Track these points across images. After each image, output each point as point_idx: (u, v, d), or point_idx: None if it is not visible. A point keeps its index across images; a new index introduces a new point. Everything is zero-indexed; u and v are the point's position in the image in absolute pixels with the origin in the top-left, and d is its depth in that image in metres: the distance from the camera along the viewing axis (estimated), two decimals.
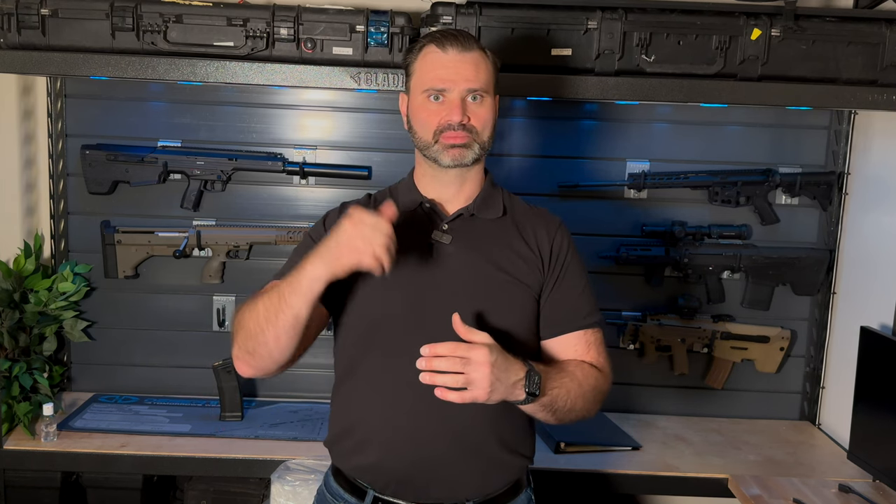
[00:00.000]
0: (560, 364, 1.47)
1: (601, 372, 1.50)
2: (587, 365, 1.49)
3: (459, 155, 1.45)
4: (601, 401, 1.49)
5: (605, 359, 1.53)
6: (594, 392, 1.46)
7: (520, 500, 1.55)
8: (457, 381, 1.27)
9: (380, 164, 2.51)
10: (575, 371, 1.45)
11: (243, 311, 1.41)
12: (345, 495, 1.52)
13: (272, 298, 1.34)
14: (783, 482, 2.10)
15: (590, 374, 1.47)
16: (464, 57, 1.45)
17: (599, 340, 1.53)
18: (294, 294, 1.31)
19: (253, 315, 1.37)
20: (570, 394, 1.41)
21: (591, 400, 1.46)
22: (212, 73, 2.05)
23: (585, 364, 1.49)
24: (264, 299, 1.36)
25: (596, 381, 1.47)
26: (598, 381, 1.48)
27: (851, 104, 2.11)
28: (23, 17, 2.02)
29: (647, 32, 2.05)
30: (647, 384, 2.62)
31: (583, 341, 1.51)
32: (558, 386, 1.39)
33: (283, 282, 1.34)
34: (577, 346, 1.50)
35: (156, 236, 2.48)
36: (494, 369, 1.28)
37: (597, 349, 1.52)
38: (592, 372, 1.48)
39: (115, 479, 2.34)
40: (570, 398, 1.41)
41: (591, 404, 1.47)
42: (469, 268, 1.47)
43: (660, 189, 2.52)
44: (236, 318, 1.43)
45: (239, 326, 1.41)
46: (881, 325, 2.24)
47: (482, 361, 1.27)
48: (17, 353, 2.35)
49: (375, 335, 1.48)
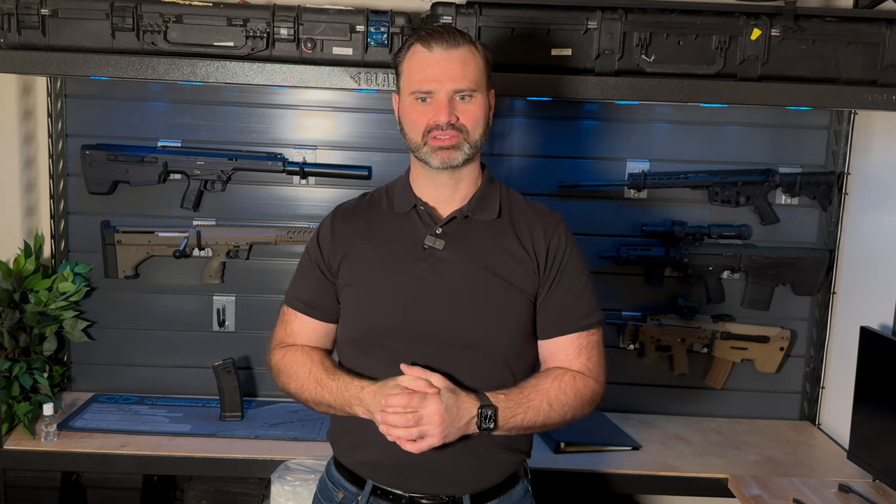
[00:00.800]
0: (533, 384, 1.46)
1: (588, 378, 1.49)
2: (570, 375, 1.47)
3: (448, 157, 1.44)
4: (588, 407, 1.49)
5: (598, 363, 1.51)
6: (576, 404, 1.46)
7: (516, 491, 1.55)
8: (410, 433, 1.36)
9: (380, 164, 2.51)
10: (549, 388, 1.45)
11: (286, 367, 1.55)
12: (345, 484, 1.54)
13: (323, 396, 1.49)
14: (783, 482, 2.10)
15: (569, 388, 1.46)
16: (450, 55, 1.42)
17: (594, 343, 1.52)
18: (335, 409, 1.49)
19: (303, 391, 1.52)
20: (540, 413, 1.43)
21: (573, 409, 1.47)
22: (212, 73, 2.05)
23: (568, 374, 1.47)
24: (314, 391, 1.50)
25: (577, 393, 1.46)
26: (581, 391, 1.47)
27: (851, 104, 2.11)
28: (23, 17, 2.02)
29: (647, 32, 2.05)
30: (647, 384, 2.62)
31: (574, 346, 1.50)
32: (523, 411, 1.42)
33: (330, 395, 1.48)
34: (568, 350, 1.50)
35: (156, 236, 2.48)
36: (446, 416, 1.36)
37: (588, 353, 1.50)
38: (574, 384, 1.47)
39: (115, 479, 2.34)
40: (541, 416, 1.44)
41: (574, 413, 1.47)
42: (462, 273, 1.46)
43: (660, 189, 2.52)
44: (275, 364, 1.58)
45: (288, 381, 1.55)
46: (881, 325, 2.24)
47: (433, 412, 1.35)
48: (17, 353, 2.35)
49: (371, 341, 1.49)
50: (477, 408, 1.39)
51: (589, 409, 1.50)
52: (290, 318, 1.59)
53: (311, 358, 1.53)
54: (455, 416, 1.37)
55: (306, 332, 1.57)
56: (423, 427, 1.35)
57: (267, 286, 2.56)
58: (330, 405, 1.48)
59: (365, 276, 1.50)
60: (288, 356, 1.55)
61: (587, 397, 1.48)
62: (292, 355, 1.55)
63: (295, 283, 1.61)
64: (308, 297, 1.57)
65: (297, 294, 1.59)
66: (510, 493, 1.54)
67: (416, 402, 1.35)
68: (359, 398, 1.43)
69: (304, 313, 1.57)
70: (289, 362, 1.55)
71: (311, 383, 1.50)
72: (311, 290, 1.57)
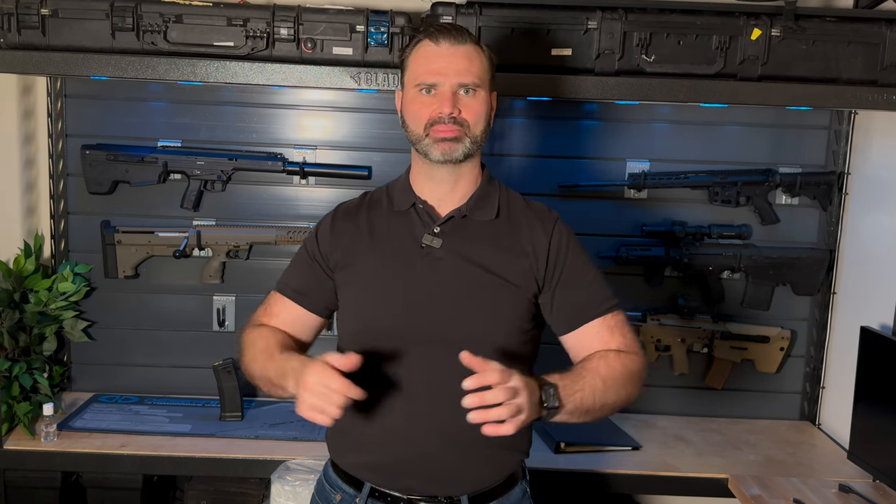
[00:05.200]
0: (581, 365, 1.44)
1: (630, 354, 1.47)
2: (612, 353, 1.45)
3: (449, 149, 1.44)
4: (639, 383, 1.46)
5: (633, 339, 1.50)
6: (627, 378, 1.43)
7: (514, 492, 1.55)
8: (511, 411, 1.22)
9: (380, 164, 2.51)
10: (598, 366, 1.42)
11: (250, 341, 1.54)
12: (343, 485, 1.54)
13: (268, 368, 1.47)
14: (783, 482, 2.10)
15: (616, 363, 1.43)
16: (456, 50, 1.44)
17: (622, 322, 1.50)
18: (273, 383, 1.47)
19: (253, 362, 1.51)
20: (597, 392, 1.39)
21: (627, 387, 1.43)
22: (212, 73, 2.05)
23: (611, 353, 1.45)
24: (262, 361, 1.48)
25: (625, 367, 1.44)
26: (629, 365, 1.45)
27: (851, 104, 2.11)
28: (23, 17, 2.02)
29: (647, 32, 2.04)
30: (647, 384, 2.55)
31: (604, 327, 1.48)
32: (580, 389, 1.37)
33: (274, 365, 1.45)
34: (599, 333, 1.48)
35: (156, 236, 2.48)
36: (527, 390, 1.26)
37: (621, 331, 1.49)
38: (619, 359, 1.44)
39: (115, 479, 2.34)
40: (598, 396, 1.39)
41: (628, 390, 1.44)
42: (458, 272, 1.46)
43: (660, 189, 2.52)
44: (243, 338, 1.57)
45: (244, 351, 1.54)
46: (881, 325, 2.24)
47: (522, 386, 1.25)
48: (17, 353, 2.35)
49: (368, 340, 1.48)
50: (538, 385, 1.32)
51: (639, 384, 1.46)
52: (274, 300, 1.60)
53: (274, 335, 1.53)
54: (532, 389, 1.29)
55: (285, 316, 1.57)
56: (521, 402, 1.24)
57: (267, 286, 2.49)
58: (270, 379, 1.46)
59: (363, 274, 1.50)
60: (255, 331, 1.56)
61: (635, 370, 1.46)
62: (259, 331, 1.56)
63: (287, 272, 1.62)
64: (298, 284, 1.58)
65: (287, 281, 1.60)
66: (509, 495, 1.54)
67: (508, 379, 1.24)
68: (293, 368, 1.37)
69: (292, 299, 1.58)
70: (254, 336, 1.55)
71: (261, 354, 1.49)
72: (303, 278, 1.58)
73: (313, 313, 1.58)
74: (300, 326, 1.58)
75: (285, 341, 1.53)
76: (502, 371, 1.24)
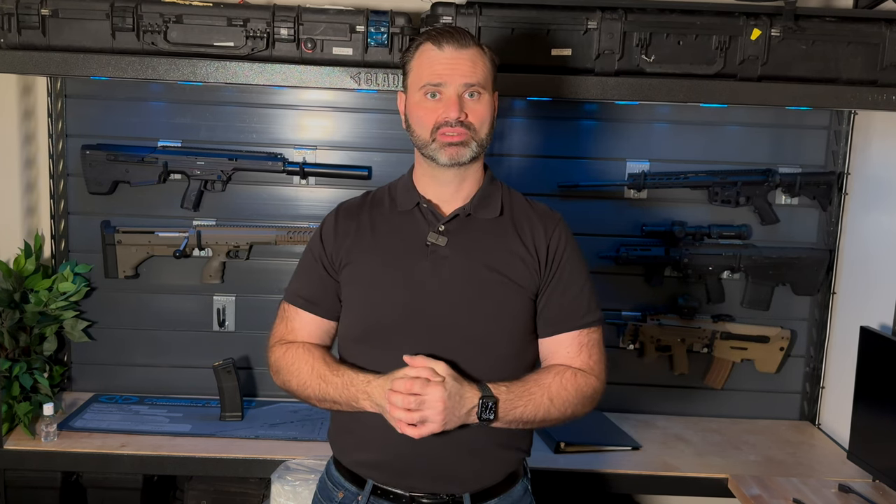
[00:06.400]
0: (535, 378, 1.47)
1: (589, 376, 1.49)
2: (571, 371, 1.48)
3: (457, 153, 1.45)
4: (589, 404, 1.50)
5: (598, 360, 1.52)
6: (577, 400, 1.47)
7: (516, 490, 1.56)
8: (412, 417, 1.36)
9: (380, 164, 2.51)
10: (550, 383, 1.45)
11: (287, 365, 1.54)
12: (345, 483, 1.54)
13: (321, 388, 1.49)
14: (783, 482, 2.10)
15: (570, 384, 1.46)
16: (460, 53, 1.45)
17: (595, 341, 1.52)
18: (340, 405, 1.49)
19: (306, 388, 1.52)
20: (540, 408, 1.44)
21: (574, 406, 1.47)
22: (212, 74, 2.05)
23: (569, 371, 1.48)
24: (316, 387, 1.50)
25: (577, 390, 1.47)
26: (582, 388, 1.48)
27: (851, 104, 2.11)
28: (23, 17, 2.02)
29: (647, 32, 2.05)
30: (647, 384, 2.62)
31: (575, 343, 1.50)
32: (523, 404, 1.43)
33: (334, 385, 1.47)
34: (569, 347, 1.50)
35: (156, 236, 2.48)
36: (448, 403, 1.37)
37: (588, 351, 1.51)
38: (574, 379, 1.47)
39: (115, 479, 2.34)
40: (540, 412, 1.44)
41: (575, 410, 1.48)
42: (464, 270, 1.47)
43: (660, 189, 2.52)
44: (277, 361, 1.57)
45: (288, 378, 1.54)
46: (881, 325, 2.24)
47: (436, 398, 1.36)
48: (17, 353, 2.35)
49: (372, 338, 1.49)
50: (478, 398, 1.39)
51: (590, 406, 1.50)
52: (291, 314, 1.59)
53: (312, 354, 1.53)
54: (457, 403, 1.38)
55: (307, 329, 1.57)
56: (425, 412, 1.36)
57: (267, 286, 2.56)
58: (335, 401, 1.48)
59: (367, 273, 1.51)
60: (289, 353, 1.55)
61: (588, 394, 1.49)
62: (293, 352, 1.55)
63: (296, 280, 1.61)
64: (309, 293, 1.57)
65: (297, 290, 1.59)
66: (510, 492, 1.54)
67: (420, 388, 1.36)
68: (366, 392, 1.43)
69: (305, 310, 1.57)
70: (290, 359, 1.54)
71: (314, 380, 1.50)
72: (313, 286, 1.57)
73: (328, 320, 1.58)
74: (322, 334, 1.59)
75: (326, 358, 1.54)
76: (420, 381, 1.37)
